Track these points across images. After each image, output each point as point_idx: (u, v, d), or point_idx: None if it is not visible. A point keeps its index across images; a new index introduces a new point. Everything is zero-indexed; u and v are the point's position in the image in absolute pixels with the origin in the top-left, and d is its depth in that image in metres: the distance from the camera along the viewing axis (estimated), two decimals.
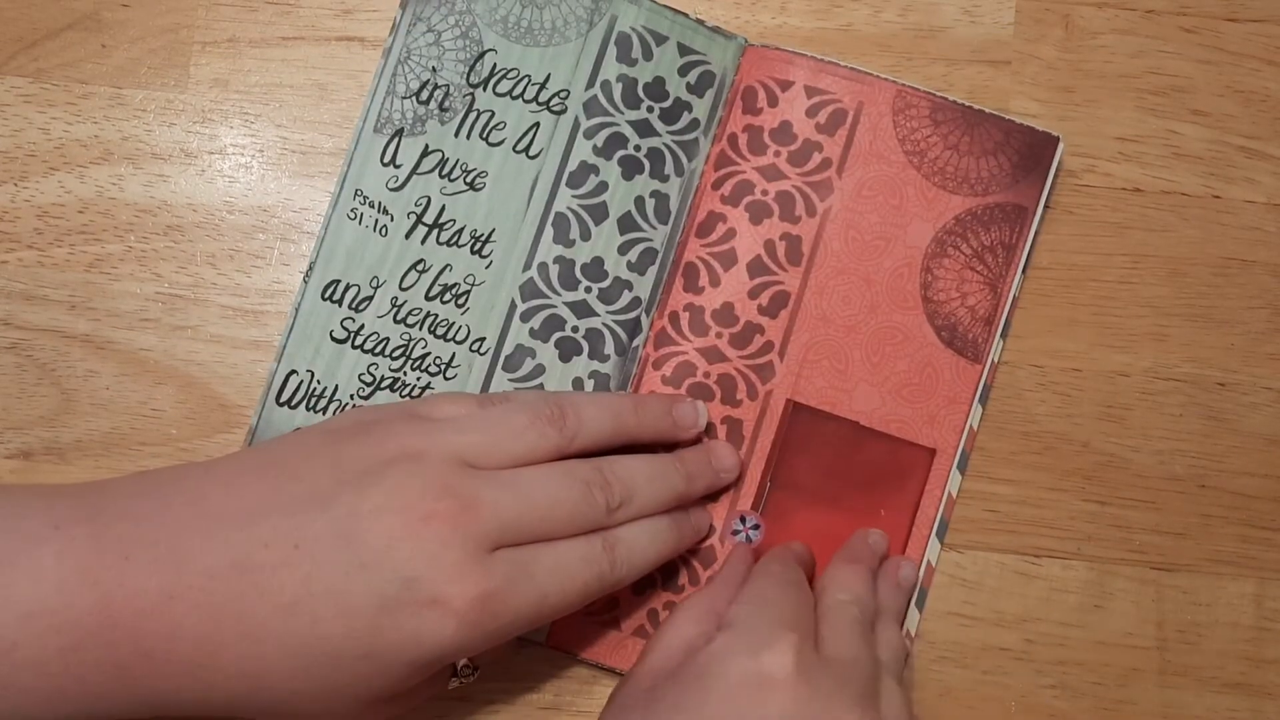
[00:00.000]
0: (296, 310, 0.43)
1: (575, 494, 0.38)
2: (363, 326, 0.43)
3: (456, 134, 0.44)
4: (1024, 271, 0.45)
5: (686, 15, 0.45)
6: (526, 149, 0.44)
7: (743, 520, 0.44)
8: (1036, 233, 0.45)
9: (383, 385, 0.43)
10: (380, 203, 0.43)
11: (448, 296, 0.44)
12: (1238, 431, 0.45)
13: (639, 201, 0.45)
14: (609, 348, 0.44)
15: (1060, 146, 0.45)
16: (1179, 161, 0.46)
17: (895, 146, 0.45)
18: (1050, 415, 0.45)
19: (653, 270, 0.45)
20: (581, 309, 0.44)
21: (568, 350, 0.44)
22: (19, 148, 0.45)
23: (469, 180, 0.44)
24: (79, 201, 0.45)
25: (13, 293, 0.45)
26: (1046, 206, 0.45)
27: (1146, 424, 0.45)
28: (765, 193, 0.45)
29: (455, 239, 0.44)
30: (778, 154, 0.45)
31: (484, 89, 0.44)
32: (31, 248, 0.45)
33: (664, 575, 0.44)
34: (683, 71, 0.45)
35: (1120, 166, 0.46)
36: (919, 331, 0.44)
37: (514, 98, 0.44)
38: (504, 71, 0.44)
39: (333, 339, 0.43)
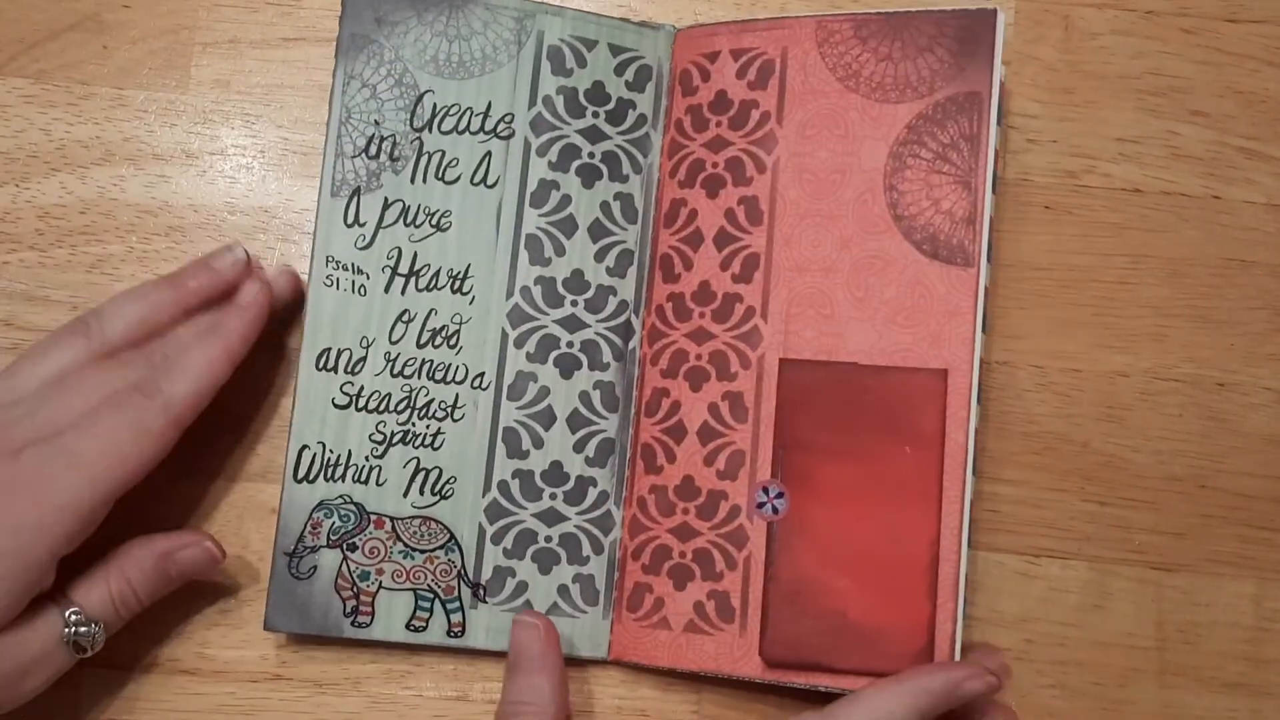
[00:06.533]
0: (295, 387, 0.43)
1: (62, 333, 0.40)
2: (362, 388, 0.43)
3: (413, 180, 0.44)
4: (994, 159, 0.43)
5: (611, 16, 0.45)
6: (484, 179, 0.44)
7: (765, 491, 0.43)
8: (1000, 115, 0.43)
9: (394, 441, 0.43)
10: (353, 264, 0.43)
11: (439, 340, 0.44)
12: (1237, 432, 0.45)
13: (604, 206, 0.45)
14: (607, 355, 0.44)
15: (1000, 17, 0.42)
16: (1178, 162, 0.46)
17: (828, 77, 0.44)
18: (1050, 415, 0.45)
19: (633, 271, 0.45)
20: (572, 323, 0.44)
21: (568, 366, 0.44)
22: (20, 149, 0.45)
23: (434, 222, 0.44)
24: (80, 202, 0.45)
25: (14, 294, 0.45)
26: (1004, 84, 0.43)
27: (1146, 424, 0.45)
28: (715, 165, 0.45)
29: (433, 282, 0.44)
30: (719, 124, 0.45)
31: (429, 130, 0.44)
32: (33, 249, 0.45)
33: (702, 565, 0.43)
34: (619, 71, 0.45)
35: (1120, 167, 0.46)
36: (899, 252, 0.43)
37: (460, 132, 0.44)
38: (445, 109, 0.44)
39: (335, 406, 0.43)
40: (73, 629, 0.39)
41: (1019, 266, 0.46)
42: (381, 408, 0.43)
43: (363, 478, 0.43)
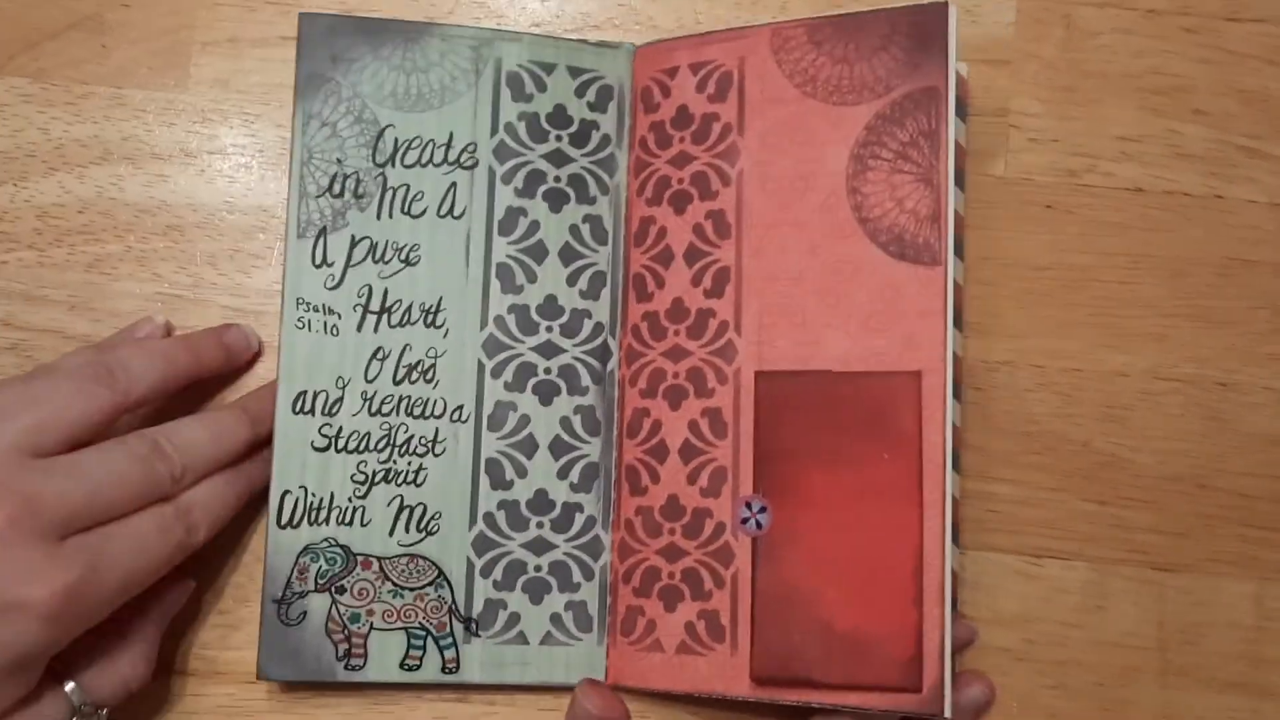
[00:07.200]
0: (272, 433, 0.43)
1: (136, 470, 0.39)
2: (340, 429, 0.43)
3: (378, 216, 0.44)
4: (955, 154, 0.42)
5: (569, 39, 0.45)
6: (450, 211, 0.44)
7: (749, 506, 0.43)
8: (960, 108, 0.42)
9: (376, 480, 0.43)
10: (324, 305, 0.43)
11: (415, 375, 0.43)
12: (1238, 432, 0.45)
13: (574, 230, 0.44)
14: (585, 379, 0.44)
15: (952, 11, 0.42)
16: (1180, 161, 0.46)
17: (786, 84, 0.43)
18: (1050, 415, 0.45)
19: (606, 292, 0.45)
20: (548, 349, 0.44)
21: (547, 393, 0.44)
22: (19, 148, 0.45)
23: (403, 257, 0.44)
24: (79, 202, 0.45)
25: (12, 293, 0.45)
26: (960, 77, 0.42)
27: (1147, 424, 0.45)
28: (681, 181, 0.44)
29: (406, 318, 0.43)
30: (682, 139, 0.44)
31: (392, 165, 0.44)
32: (31, 248, 0.45)
33: (690, 585, 0.43)
34: (579, 92, 0.45)
35: (1121, 166, 0.46)
36: (866, 255, 0.42)
37: (424, 165, 0.44)
38: (407, 143, 0.44)
39: (314, 449, 0.43)
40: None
41: (1020, 266, 0.46)
42: (361, 447, 0.43)
43: (347, 519, 0.43)
